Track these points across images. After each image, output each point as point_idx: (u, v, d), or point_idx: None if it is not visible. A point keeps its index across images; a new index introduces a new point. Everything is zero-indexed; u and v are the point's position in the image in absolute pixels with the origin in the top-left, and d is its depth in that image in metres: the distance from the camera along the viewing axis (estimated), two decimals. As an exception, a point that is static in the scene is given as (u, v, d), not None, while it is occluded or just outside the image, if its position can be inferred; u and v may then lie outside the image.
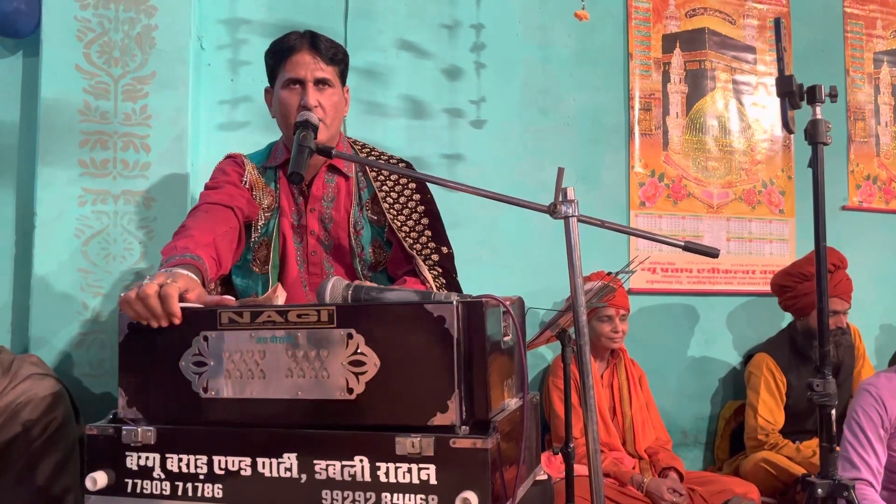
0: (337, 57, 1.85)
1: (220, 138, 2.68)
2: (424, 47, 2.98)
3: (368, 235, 1.90)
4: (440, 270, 1.84)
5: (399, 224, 1.87)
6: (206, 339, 1.34)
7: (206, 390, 1.33)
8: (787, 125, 1.50)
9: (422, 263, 1.81)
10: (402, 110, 2.95)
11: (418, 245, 1.86)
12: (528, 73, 3.12)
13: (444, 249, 1.89)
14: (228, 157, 1.95)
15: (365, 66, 2.90)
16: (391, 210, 1.88)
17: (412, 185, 1.93)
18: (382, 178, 1.92)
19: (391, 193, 1.91)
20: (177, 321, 1.33)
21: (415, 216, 1.90)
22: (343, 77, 1.89)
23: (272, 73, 1.87)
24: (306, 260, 1.89)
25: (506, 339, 1.41)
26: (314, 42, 1.82)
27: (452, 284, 1.85)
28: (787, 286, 2.99)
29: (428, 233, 1.89)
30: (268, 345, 1.31)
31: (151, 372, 1.36)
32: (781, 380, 2.95)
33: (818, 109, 1.51)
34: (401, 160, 2.00)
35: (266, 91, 1.93)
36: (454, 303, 1.24)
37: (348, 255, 1.89)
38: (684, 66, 3.36)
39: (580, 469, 2.14)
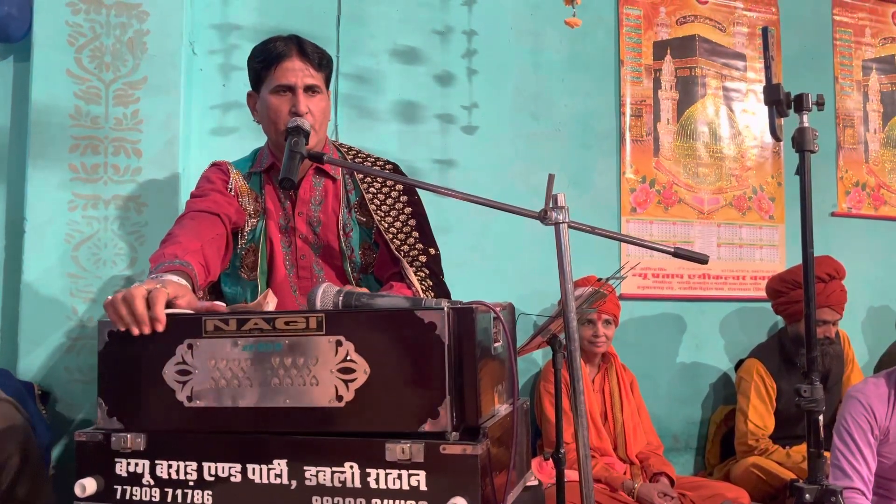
0: (323, 62, 1.85)
1: (211, 143, 2.67)
2: (416, 53, 2.99)
3: (358, 237, 1.90)
4: (427, 272, 1.84)
5: (386, 226, 1.87)
6: (190, 346, 1.32)
7: (189, 399, 1.32)
8: (774, 133, 1.51)
9: (408, 267, 1.81)
10: (394, 115, 2.96)
11: (406, 247, 1.86)
12: (519, 79, 3.14)
13: (432, 251, 1.90)
14: (213, 164, 1.95)
15: (357, 72, 2.91)
16: (378, 212, 1.89)
17: (399, 187, 1.94)
18: (370, 179, 1.93)
19: (378, 195, 1.91)
20: (160, 327, 1.31)
21: (402, 217, 1.91)
22: (328, 82, 1.90)
23: (258, 79, 1.86)
24: (295, 264, 1.89)
25: (496, 344, 1.42)
26: (302, 48, 1.82)
27: (440, 286, 1.85)
28: (780, 291, 3.01)
29: (415, 234, 1.89)
30: (255, 353, 1.30)
31: (133, 381, 1.34)
32: (771, 385, 2.96)
33: (805, 117, 1.52)
34: (387, 162, 2.01)
35: (249, 95, 1.92)
36: (445, 309, 1.24)
37: (338, 257, 1.89)
38: (675, 73, 3.38)
39: (571, 474, 2.14)
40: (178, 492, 1.31)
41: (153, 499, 1.32)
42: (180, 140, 2.42)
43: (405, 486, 1.22)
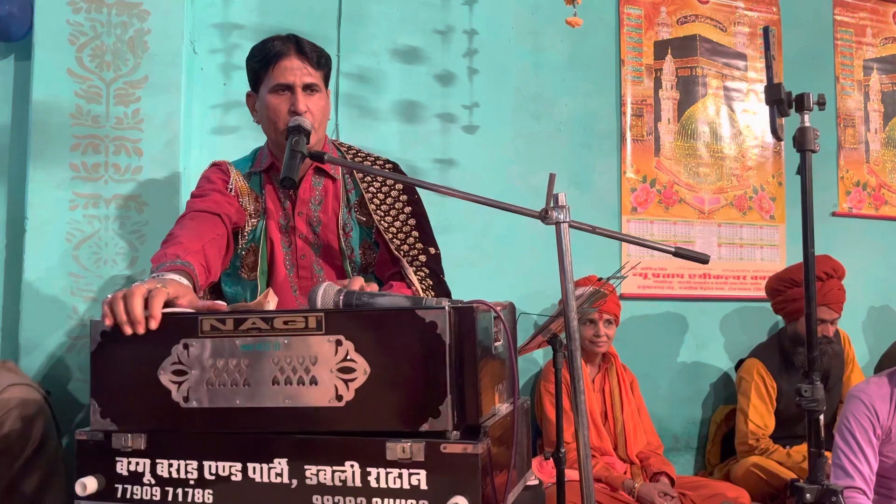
0: (321, 61, 1.85)
1: (212, 142, 2.68)
2: (417, 52, 2.99)
3: (357, 237, 1.90)
4: (427, 272, 1.84)
5: (386, 225, 1.87)
6: (186, 346, 1.30)
7: (185, 400, 1.30)
8: (775, 133, 1.51)
9: (408, 266, 1.81)
10: (394, 115, 2.96)
11: (405, 246, 1.86)
12: (520, 79, 3.14)
13: (432, 250, 1.89)
14: (213, 164, 1.95)
15: (358, 71, 2.91)
16: (378, 211, 1.89)
17: (399, 186, 1.93)
18: (370, 179, 1.93)
19: (378, 195, 1.91)
20: (153, 324, 1.29)
21: (402, 217, 1.90)
22: (327, 81, 1.90)
23: (256, 78, 1.85)
24: (295, 264, 1.89)
25: (497, 344, 1.42)
26: (300, 47, 1.81)
27: (440, 285, 1.85)
28: (778, 290, 3.01)
29: (415, 233, 1.89)
30: (252, 352, 1.29)
31: (127, 381, 1.32)
32: (772, 385, 2.96)
33: (806, 117, 1.52)
34: (387, 161, 2.01)
35: (248, 96, 1.91)
36: (446, 308, 1.24)
37: (338, 257, 1.89)
38: (676, 73, 3.38)
39: (572, 474, 2.14)
40: (179, 490, 1.31)
41: (154, 497, 1.31)
42: (181, 139, 2.42)
43: (406, 486, 1.22)
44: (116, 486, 1.33)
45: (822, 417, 1.52)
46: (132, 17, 2.39)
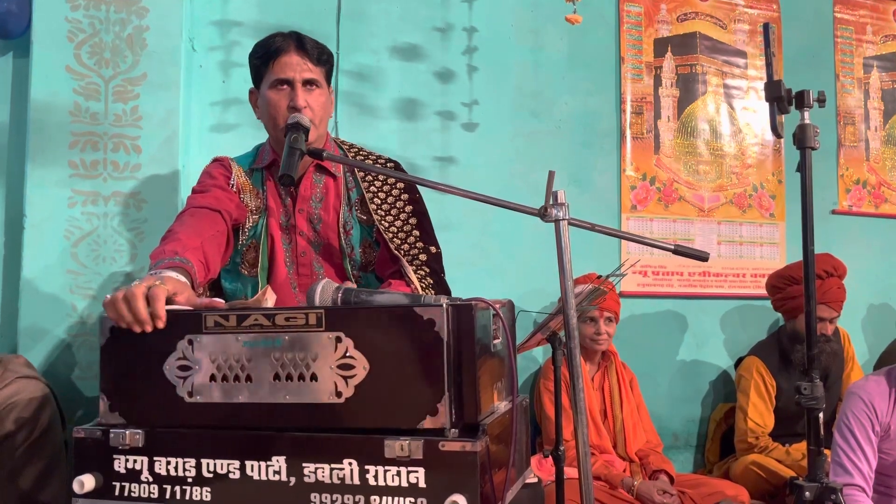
0: (323, 57, 1.85)
1: (211, 140, 2.67)
2: (417, 50, 2.99)
3: (358, 235, 1.90)
4: (427, 270, 1.84)
5: (386, 225, 1.87)
6: (190, 342, 1.32)
7: (190, 394, 1.32)
8: (775, 130, 1.51)
9: (407, 265, 1.81)
10: (394, 113, 2.95)
11: (406, 245, 1.86)
12: (520, 77, 3.13)
13: (433, 249, 1.89)
14: (215, 160, 1.95)
15: (357, 69, 2.90)
16: (378, 211, 1.88)
17: (400, 185, 1.93)
18: (371, 178, 1.92)
19: (379, 194, 1.91)
20: (160, 324, 1.31)
21: (402, 216, 1.90)
22: (329, 77, 1.90)
23: (258, 74, 1.86)
24: (295, 261, 1.88)
25: (496, 341, 1.42)
26: (301, 43, 1.82)
27: (440, 284, 1.85)
28: (778, 287, 3.01)
29: (416, 233, 1.89)
30: (254, 348, 1.30)
31: (134, 376, 1.35)
32: (771, 383, 2.96)
33: (806, 114, 1.52)
34: (389, 160, 2.00)
35: (251, 92, 1.92)
36: (444, 306, 1.24)
37: (338, 255, 1.89)
38: (676, 71, 3.37)
39: (571, 472, 2.14)
40: (177, 489, 1.31)
41: (151, 495, 1.32)
42: (180, 137, 2.42)
43: (404, 483, 1.22)
44: (114, 483, 1.33)
45: (821, 415, 1.52)
46: (131, 14, 2.39)
